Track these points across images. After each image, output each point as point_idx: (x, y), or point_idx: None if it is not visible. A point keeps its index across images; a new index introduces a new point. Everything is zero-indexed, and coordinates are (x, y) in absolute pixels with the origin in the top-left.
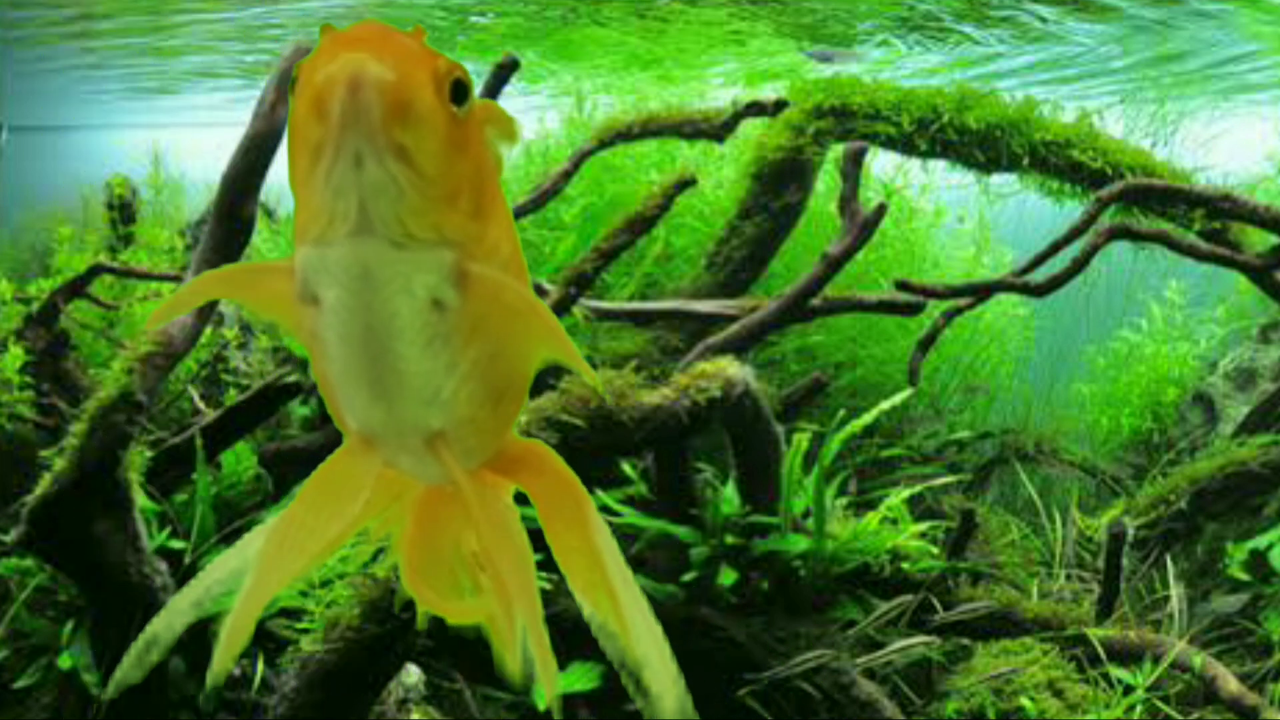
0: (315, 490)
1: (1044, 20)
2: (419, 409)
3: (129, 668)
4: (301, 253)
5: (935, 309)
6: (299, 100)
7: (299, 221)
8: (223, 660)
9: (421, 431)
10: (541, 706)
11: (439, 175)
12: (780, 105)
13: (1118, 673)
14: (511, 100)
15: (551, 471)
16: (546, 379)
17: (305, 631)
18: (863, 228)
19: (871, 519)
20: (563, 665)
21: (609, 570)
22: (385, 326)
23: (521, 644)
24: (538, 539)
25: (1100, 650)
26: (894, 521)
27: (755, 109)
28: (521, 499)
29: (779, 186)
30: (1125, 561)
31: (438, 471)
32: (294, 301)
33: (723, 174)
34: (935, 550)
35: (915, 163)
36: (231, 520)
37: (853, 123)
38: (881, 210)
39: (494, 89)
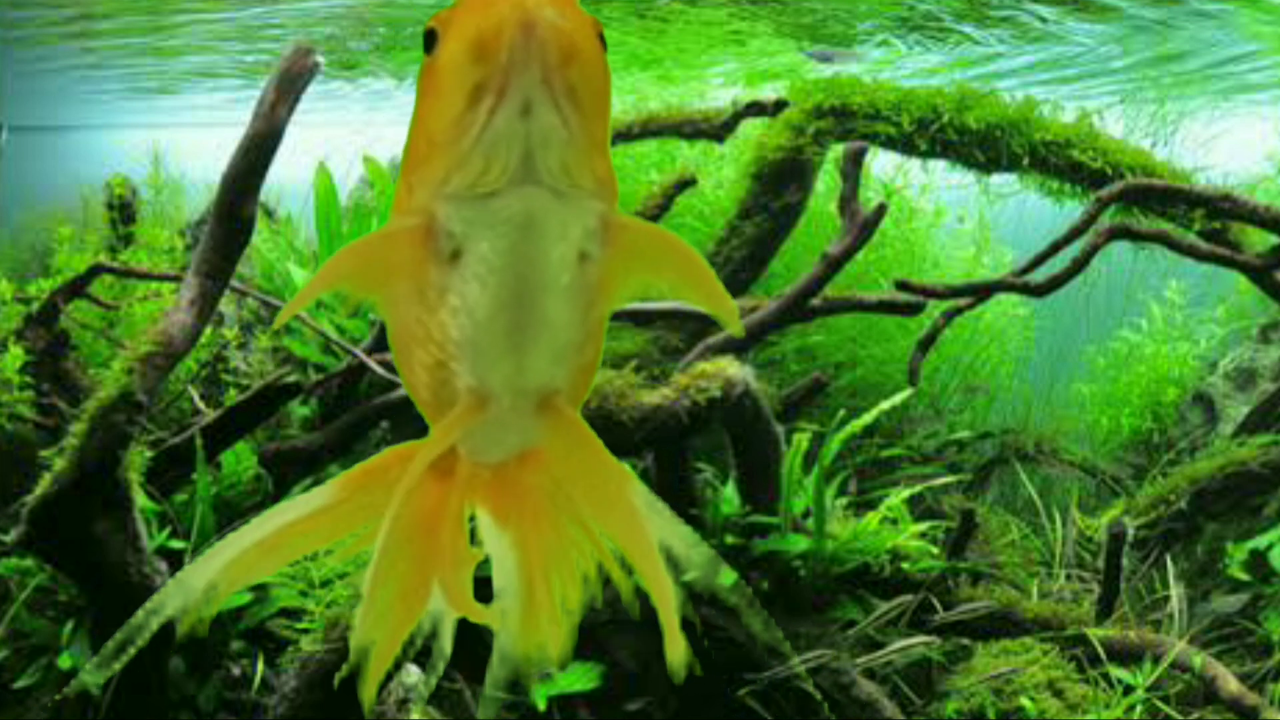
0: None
1: (1044, 20)
2: (550, 365)
3: (121, 642)
4: (445, 206)
5: (935, 309)
6: (453, 43)
7: (430, 172)
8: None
9: (544, 390)
10: (542, 706)
11: (599, 120)
12: (780, 105)
13: (1118, 673)
14: None
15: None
16: None
17: (305, 631)
18: (863, 228)
19: (871, 519)
20: (562, 665)
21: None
22: (538, 277)
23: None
24: None
25: (1100, 650)
26: (894, 521)
27: (755, 109)
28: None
29: (779, 186)
30: (1125, 561)
31: (522, 440)
32: (419, 261)
33: (723, 174)
34: (935, 550)
35: (915, 163)
36: (231, 520)
37: (853, 123)
38: (881, 210)
39: None
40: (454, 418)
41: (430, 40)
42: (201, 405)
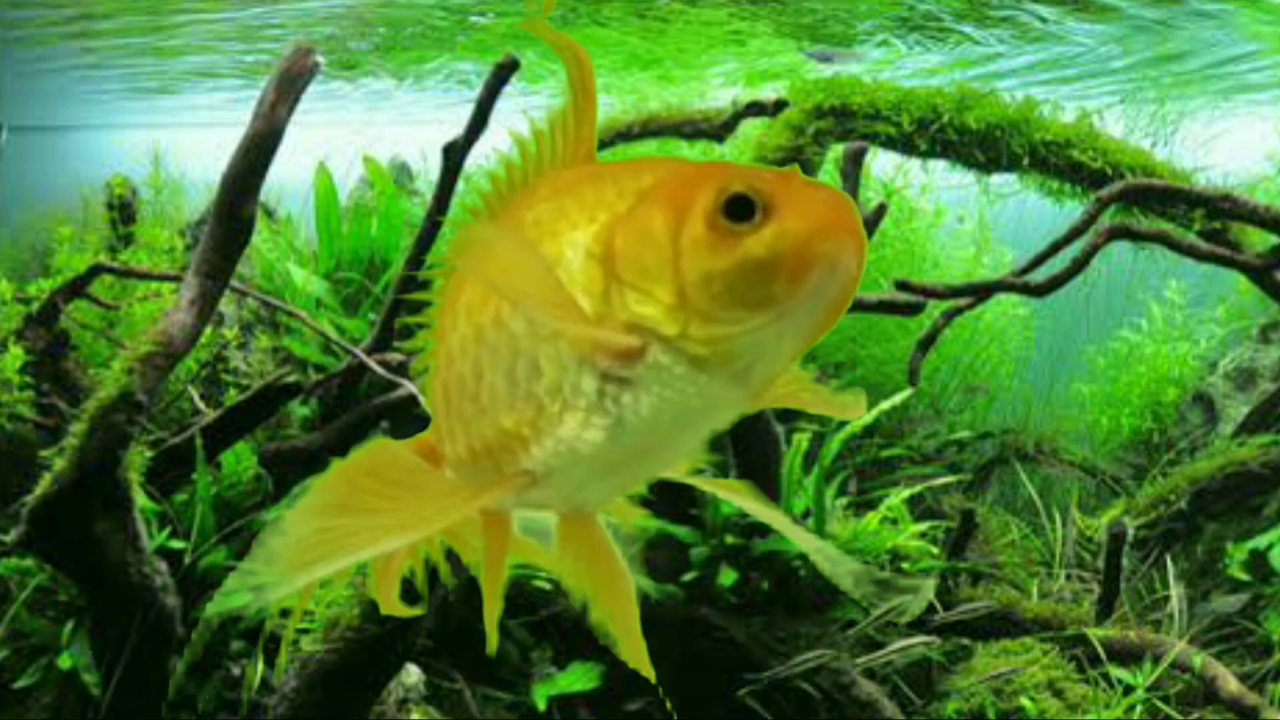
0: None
1: (1044, 20)
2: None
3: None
4: (656, 347)
5: (935, 309)
6: (779, 252)
7: (662, 309)
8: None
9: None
10: (542, 706)
11: None
12: (780, 105)
13: (1118, 673)
14: (511, 100)
15: None
16: None
17: (305, 631)
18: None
19: (871, 519)
20: (562, 665)
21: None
22: (682, 443)
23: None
24: None
25: (1100, 650)
26: (894, 521)
27: (755, 109)
28: None
29: None
30: (1125, 561)
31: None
32: (593, 361)
33: None
34: (935, 550)
35: (915, 163)
36: (231, 520)
37: (853, 123)
38: (881, 210)
39: (494, 89)
40: (494, 492)
41: (743, 208)
42: (201, 405)
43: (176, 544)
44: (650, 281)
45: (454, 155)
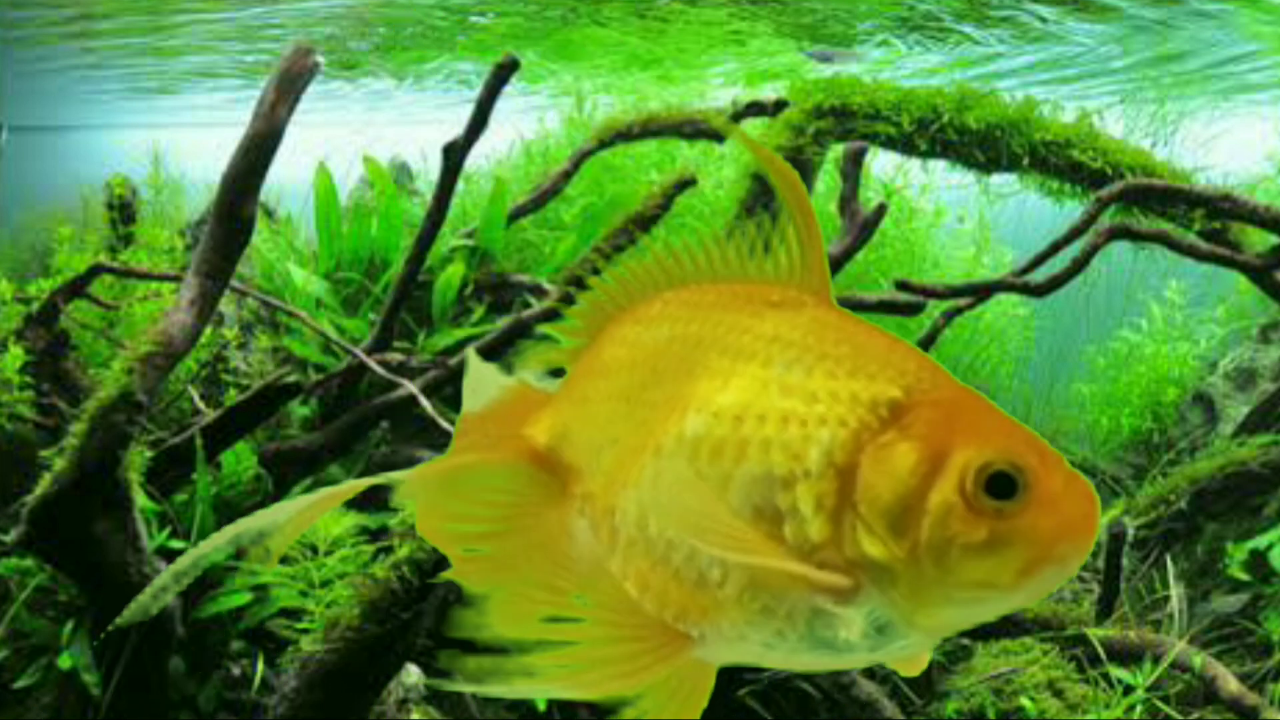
0: None
1: (1044, 20)
2: None
3: (148, 598)
4: (872, 595)
5: (935, 309)
6: (1029, 542)
7: (888, 563)
8: None
9: None
10: (542, 707)
11: None
12: (780, 105)
13: (1118, 673)
14: (511, 100)
15: None
16: None
17: (305, 631)
18: (863, 228)
19: None
20: None
21: None
22: (876, 660)
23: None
24: None
25: (1100, 650)
26: None
27: (755, 109)
28: None
29: None
30: (1125, 561)
31: None
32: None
33: (723, 174)
34: None
35: (915, 163)
36: (231, 520)
37: (853, 123)
38: (881, 210)
39: (494, 89)
40: (665, 663)
41: (1003, 486)
42: (201, 405)
43: (176, 544)
44: (888, 528)
45: (454, 155)
